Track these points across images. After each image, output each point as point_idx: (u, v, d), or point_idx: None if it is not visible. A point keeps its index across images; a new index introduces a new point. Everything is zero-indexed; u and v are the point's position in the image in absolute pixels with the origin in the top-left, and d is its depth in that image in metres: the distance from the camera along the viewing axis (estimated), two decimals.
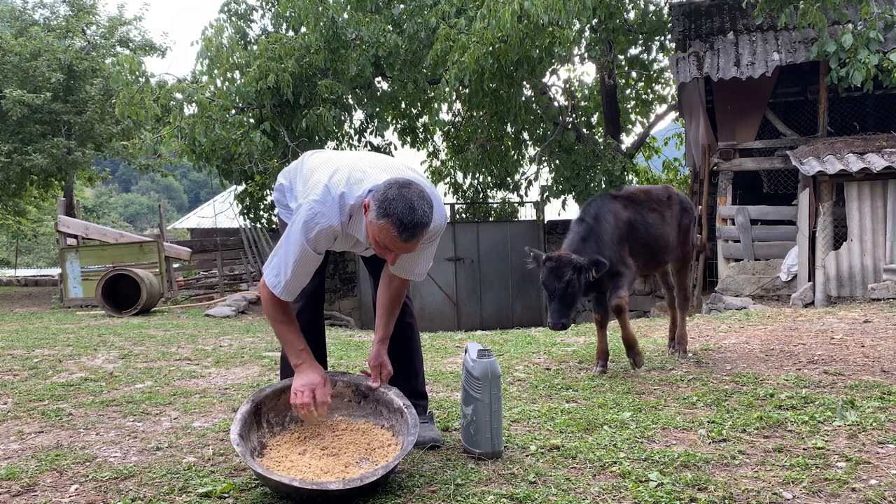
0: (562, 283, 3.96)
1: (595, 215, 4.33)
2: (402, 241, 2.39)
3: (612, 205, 4.43)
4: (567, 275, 3.95)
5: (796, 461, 2.62)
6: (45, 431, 3.36)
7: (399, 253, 2.50)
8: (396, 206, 2.35)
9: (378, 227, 2.39)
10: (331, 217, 2.51)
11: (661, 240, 4.67)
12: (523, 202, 15.89)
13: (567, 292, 3.98)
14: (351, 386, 2.92)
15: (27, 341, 6.64)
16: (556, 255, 4.03)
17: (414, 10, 11.87)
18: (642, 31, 14.58)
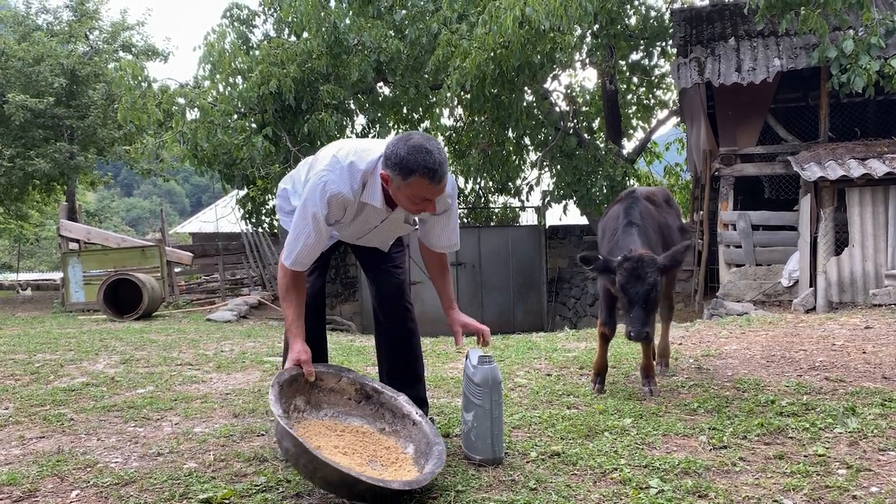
0: (646, 286, 3.52)
1: (641, 218, 4.00)
2: (436, 184, 2.52)
3: (647, 206, 4.16)
4: (651, 276, 3.52)
5: (797, 468, 2.62)
6: (46, 437, 3.37)
7: (435, 199, 2.61)
8: (415, 158, 2.47)
9: (409, 186, 2.51)
10: (341, 184, 2.58)
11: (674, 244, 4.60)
12: (524, 207, 15.90)
13: (650, 296, 3.54)
14: (356, 384, 2.91)
15: (29, 346, 6.65)
16: (637, 255, 3.59)
17: (416, 16, 11.89)
18: (644, 37, 14.60)
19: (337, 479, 2.28)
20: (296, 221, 2.66)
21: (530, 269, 15.49)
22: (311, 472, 2.33)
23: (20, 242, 27.89)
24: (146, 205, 57.54)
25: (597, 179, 12.79)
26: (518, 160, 15.00)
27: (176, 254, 13.16)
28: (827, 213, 9.17)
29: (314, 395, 2.81)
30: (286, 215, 3.04)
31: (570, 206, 13.84)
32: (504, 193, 15.74)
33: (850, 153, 9.73)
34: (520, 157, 15.00)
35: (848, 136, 10.87)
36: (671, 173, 18.95)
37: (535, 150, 14.65)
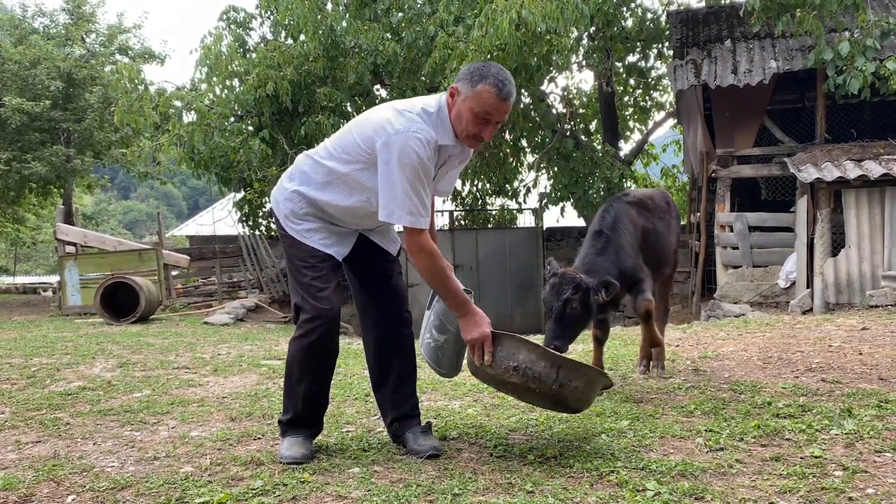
0: (559, 303, 3.62)
1: (613, 224, 4.04)
2: (503, 99, 2.67)
3: (629, 211, 4.19)
4: (566, 293, 3.62)
5: (793, 470, 2.62)
6: (42, 441, 3.36)
7: (496, 122, 2.73)
8: (489, 70, 2.69)
9: (475, 95, 2.67)
10: (428, 129, 2.71)
11: (666, 250, 4.55)
12: (522, 209, 15.90)
13: (565, 313, 3.62)
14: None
15: (25, 349, 6.64)
16: (561, 272, 3.72)
17: (412, 19, 11.90)
18: (640, 39, 14.63)
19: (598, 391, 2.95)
20: (401, 186, 2.67)
21: (528, 272, 15.49)
22: (588, 399, 2.94)
23: (17, 246, 27.86)
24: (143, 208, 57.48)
25: (594, 181, 12.80)
26: (515, 162, 15.01)
27: (173, 257, 13.15)
28: (823, 214, 9.19)
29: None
30: (297, 220, 2.95)
31: (568, 207, 13.85)
32: (501, 195, 15.74)
33: (847, 155, 9.75)
34: (517, 159, 15.00)
35: (844, 138, 10.89)
36: (668, 175, 18.97)
37: (532, 153, 14.66)
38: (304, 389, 2.95)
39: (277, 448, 3.02)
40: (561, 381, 2.75)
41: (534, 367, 2.75)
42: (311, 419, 3.02)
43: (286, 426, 3.01)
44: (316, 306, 2.87)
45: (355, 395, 4.23)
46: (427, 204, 2.75)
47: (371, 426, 3.48)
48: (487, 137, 2.79)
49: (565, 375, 2.76)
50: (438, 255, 2.80)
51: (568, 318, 3.62)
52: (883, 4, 10.73)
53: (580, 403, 2.92)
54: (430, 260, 2.78)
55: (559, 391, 2.77)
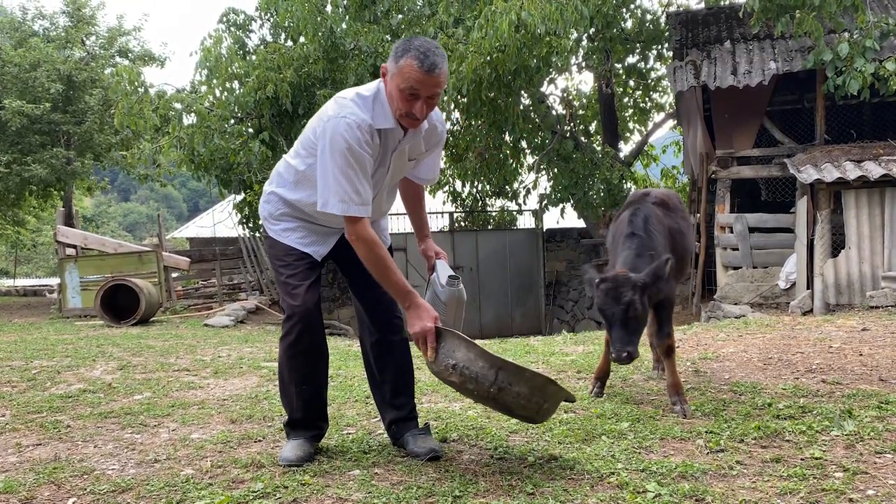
0: (621, 307, 3.40)
1: (645, 226, 3.79)
2: (426, 71, 2.59)
3: (656, 212, 3.94)
4: (627, 296, 3.40)
5: (794, 471, 2.62)
6: (43, 444, 3.36)
7: (427, 96, 2.63)
8: (412, 43, 2.64)
9: (399, 71, 2.61)
10: (359, 113, 2.67)
11: (688, 254, 4.28)
12: (522, 210, 15.91)
13: (628, 317, 3.40)
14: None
15: (26, 352, 6.64)
16: (612, 276, 3.49)
17: (412, 20, 11.91)
18: (640, 40, 14.63)
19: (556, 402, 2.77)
20: (327, 167, 2.65)
21: (528, 273, 15.50)
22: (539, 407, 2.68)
23: (17, 248, 27.86)
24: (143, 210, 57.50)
25: (594, 183, 12.81)
26: (515, 164, 15.01)
27: (173, 259, 13.15)
28: (823, 215, 9.19)
29: None
30: (275, 220, 2.99)
31: (568, 209, 13.86)
32: (501, 197, 15.75)
33: (846, 155, 9.75)
34: (517, 160, 15.01)
35: (844, 139, 10.89)
36: (668, 176, 18.97)
37: (532, 154, 14.67)
38: (295, 390, 2.97)
39: (278, 450, 3.02)
40: (500, 385, 2.58)
41: (471, 367, 2.61)
42: (309, 421, 3.02)
43: (288, 429, 3.02)
44: (290, 304, 2.88)
45: (356, 397, 4.23)
46: (364, 191, 2.67)
47: (371, 428, 3.48)
48: (420, 115, 2.67)
49: (505, 379, 2.59)
50: (378, 245, 2.71)
51: (632, 322, 3.43)
52: (882, 5, 10.75)
53: (528, 412, 2.71)
54: (368, 250, 2.71)
55: (498, 395, 2.61)
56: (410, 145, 2.89)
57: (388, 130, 2.75)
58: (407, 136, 2.83)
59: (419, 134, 2.86)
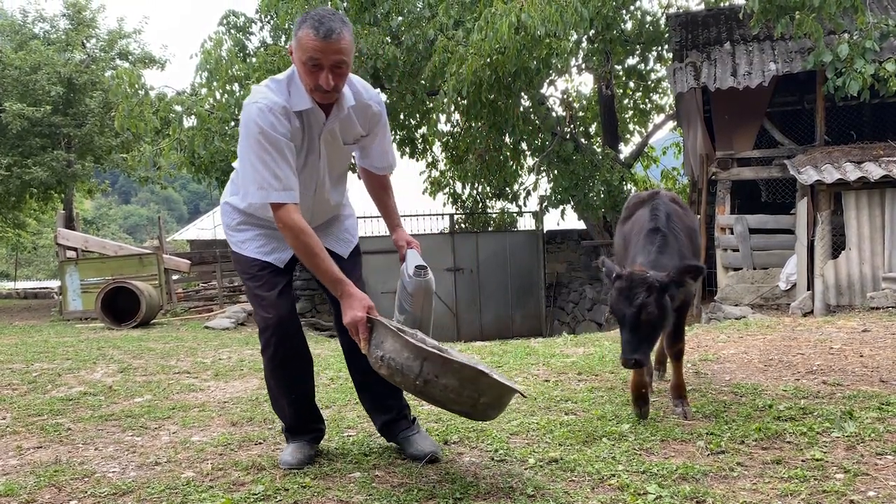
0: (632, 309, 3.13)
1: (668, 223, 3.55)
2: (323, 37, 2.48)
3: (676, 209, 3.72)
4: (640, 297, 3.12)
5: (795, 473, 2.62)
6: (43, 447, 3.36)
7: (330, 65, 2.52)
8: (308, 14, 2.55)
9: (298, 44, 2.53)
10: (271, 96, 2.59)
11: (699, 253, 4.09)
12: (522, 212, 15.91)
13: (640, 320, 3.13)
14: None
15: (26, 355, 6.64)
16: (627, 273, 3.21)
17: (412, 23, 11.92)
18: (640, 42, 14.64)
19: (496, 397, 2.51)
20: (248, 160, 2.58)
21: (528, 274, 15.50)
22: (474, 402, 2.46)
23: (18, 251, 27.88)
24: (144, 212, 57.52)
25: (594, 184, 12.80)
26: (515, 165, 15.01)
27: (174, 261, 13.16)
28: (824, 216, 9.19)
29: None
30: (233, 232, 2.94)
31: (568, 210, 13.85)
32: (501, 199, 15.74)
33: (847, 156, 9.75)
34: (517, 162, 15.01)
35: (844, 140, 10.89)
36: (668, 177, 18.97)
37: (532, 156, 14.66)
38: (285, 401, 2.93)
39: (279, 453, 3.02)
40: (425, 377, 2.41)
41: (397, 359, 2.46)
42: (305, 425, 3.00)
43: (287, 433, 3.02)
44: (263, 316, 2.82)
45: (356, 400, 4.22)
46: (284, 175, 2.56)
47: (372, 430, 3.48)
48: (326, 85, 2.54)
49: (431, 370, 2.41)
50: (305, 232, 2.59)
51: (645, 326, 3.14)
52: (882, 6, 10.75)
53: (462, 407, 2.51)
54: (294, 237, 2.60)
55: (425, 388, 2.44)
56: (341, 127, 2.78)
57: (310, 112, 2.66)
58: (332, 117, 2.71)
59: (342, 112, 2.72)
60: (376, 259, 14.02)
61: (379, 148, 2.98)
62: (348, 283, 2.62)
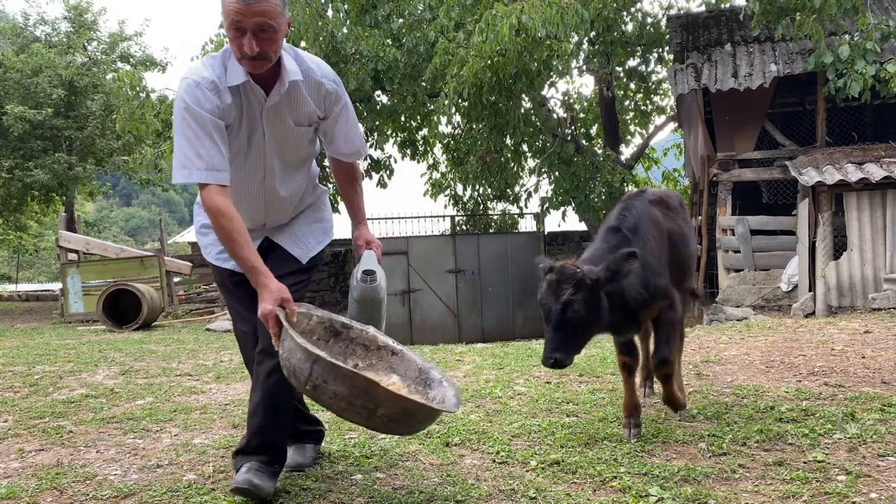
0: (558, 305, 2.87)
1: (634, 225, 3.19)
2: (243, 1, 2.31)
3: (652, 212, 3.33)
4: (566, 293, 2.86)
5: (797, 475, 2.62)
6: (45, 449, 3.36)
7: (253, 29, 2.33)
8: None
9: (222, 10, 2.38)
10: (202, 71, 2.44)
11: (691, 261, 3.69)
12: (523, 214, 15.91)
13: (566, 318, 2.87)
14: (324, 322, 2.68)
15: (28, 357, 6.65)
16: (559, 266, 2.97)
17: (413, 25, 11.93)
18: (640, 44, 14.64)
19: (400, 411, 2.27)
20: (177, 139, 2.44)
21: (530, 276, 15.48)
22: (370, 413, 2.23)
23: (19, 253, 27.91)
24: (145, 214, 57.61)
25: (595, 186, 12.81)
26: (516, 167, 15.02)
27: (175, 264, 13.17)
28: (825, 217, 9.19)
29: None
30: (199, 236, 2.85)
31: (569, 212, 13.86)
32: (503, 200, 15.75)
33: (848, 158, 9.75)
34: (518, 164, 15.02)
35: (845, 141, 10.90)
36: (669, 179, 18.96)
37: (533, 157, 14.67)
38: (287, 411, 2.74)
39: None
40: (315, 381, 2.22)
41: (290, 359, 2.29)
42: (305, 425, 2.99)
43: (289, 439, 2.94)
44: (242, 330, 2.73)
45: None
46: (208, 154, 2.39)
47: (373, 433, 3.48)
48: (250, 50, 2.34)
49: (320, 374, 2.21)
50: (223, 214, 2.40)
51: (571, 324, 2.88)
52: (883, 7, 10.76)
53: (356, 417, 2.29)
54: (213, 218, 2.44)
55: (315, 393, 2.26)
56: (289, 105, 2.57)
57: (247, 87, 2.48)
58: (273, 93, 2.52)
59: (284, 86, 2.51)
60: None
61: (342, 132, 2.74)
62: (266, 273, 2.42)
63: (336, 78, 2.69)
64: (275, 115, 2.57)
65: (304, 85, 2.57)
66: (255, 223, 2.74)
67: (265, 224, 2.79)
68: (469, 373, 5.12)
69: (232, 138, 2.53)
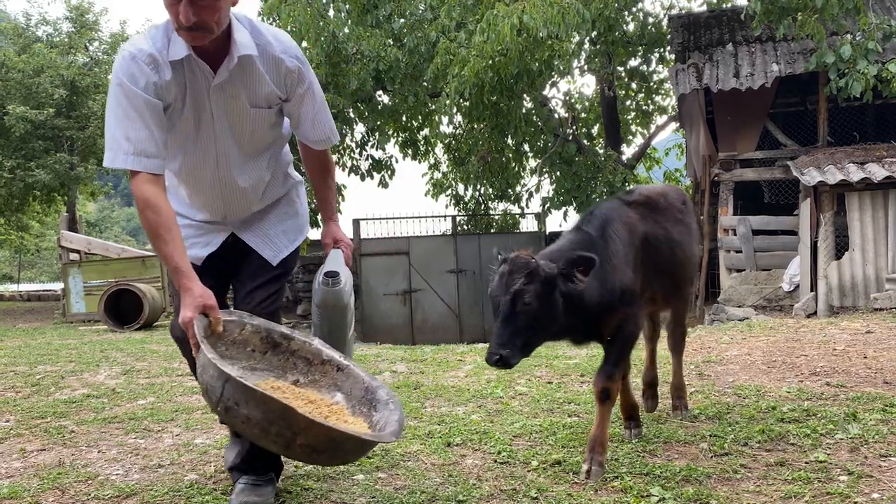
0: (508, 295, 2.62)
1: (601, 227, 2.93)
2: None
3: (626, 213, 3.07)
4: (516, 283, 2.61)
5: (798, 475, 2.62)
6: (47, 449, 3.37)
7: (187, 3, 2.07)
8: None
9: None
10: (140, 42, 2.19)
11: (688, 263, 3.38)
12: (524, 214, 15.91)
13: (515, 311, 2.61)
14: (261, 332, 2.39)
15: (30, 357, 6.65)
16: (513, 257, 2.72)
17: (414, 25, 11.95)
18: (642, 43, 14.64)
19: (323, 440, 1.96)
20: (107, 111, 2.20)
21: None
22: (288, 441, 1.94)
23: (21, 253, 27.94)
24: None
25: (596, 185, 12.81)
26: (517, 167, 15.04)
27: None
28: (827, 217, 9.18)
29: (217, 349, 2.24)
30: None
31: (571, 212, 13.86)
32: (504, 200, 15.77)
33: (850, 157, 9.74)
34: (519, 163, 15.03)
35: (847, 141, 10.89)
36: (671, 179, 18.96)
37: (534, 157, 14.68)
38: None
39: None
40: (226, 403, 1.97)
41: (204, 375, 2.04)
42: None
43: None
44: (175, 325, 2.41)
45: None
46: (137, 137, 2.15)
47: None
48: (185, 20, 2.08)
49: (231, 396, 1.95)
50: (152, 207, 2.17)
51: (521, 319, 2.61)
52: (884, 7, 10.75)
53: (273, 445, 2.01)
54: (139, 210, 2.21)
55: (226, 416, 2.01)
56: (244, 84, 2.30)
57: (191, 62, 2.22)
58: (221, 69, 2.24)
59: (233, 62, 2.23)
60: (378, 261, 14.05)
61: (308, 116, 2.46)
62: (190, 276, 2.18)
63: (299, 54, 2.38)
64: (224, 95, 2.30)
65: (261, 61, 2.30)
66: (215, 216, 2.52)
67: (226, 217, 2.53)
68: (470, 373, 5.12)
69: (176, 120, 2.29)
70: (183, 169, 2.38)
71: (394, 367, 5.51)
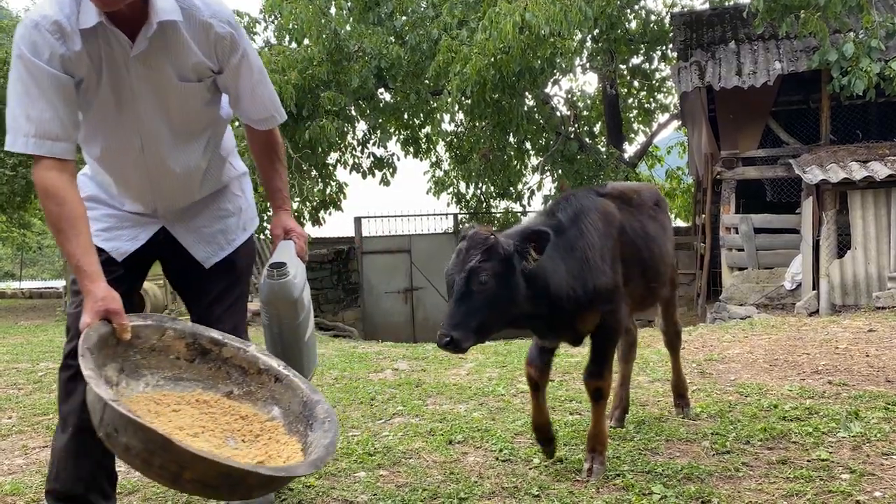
0: (463, 273, 2.41)
1: (575, 216, 2.74)
2: None
3: (601, 203, 2.89)
4: (472, 260, 2.41)
5: (800, 473, 2.62)
6: (49, 446, 3.37)
7: None
8: None
9: None
10: (45, 8, 1.90)
11: (665, 261, 3.23)
12: (526, 212, 15.90)
13: (470, 289, 2.39)
14: (186, 337, 2.13)
15: (32, 354, 6.66)
16: (471, 233, 2.53)
17: (416, 22, 11.94)
18: (644, 41, 14.64)
19: (214, 475, 1.68)
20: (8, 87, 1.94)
21: None
22: (174, 475, 1.69)
23: (23, 251, 27.97)
24: None
25: (598, 183, 12.80)
26: (519, 165, 15.02)
27: None
28: (829, 215, 9.16)
29: (130, 359, 2.02)
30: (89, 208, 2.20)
31: None
32: (506, 198, 15.76)
33: (852, 156, 9.72)
34: (521, 161, 15.02)
35: (849, 139, 10.87)
36: (673, 177, 18.96)
37: (536, 155, 14.67)
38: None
39: None
40: (107, 429, 1.70)
41: (89, 396, 1.75)
42: None
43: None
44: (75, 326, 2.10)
45: (360, 399, 4.23)
46: (38, 118, 1.89)
47: (376, 430, 3.48)
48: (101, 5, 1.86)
49: (111, 422, 1.69)
50: (54, 197, 1.91)
51: (476, 298, 2.40)
52: (888, 5, 10.71)
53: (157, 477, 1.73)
54: (42, 201, 1.96)
55: (108, 442, 1.72)
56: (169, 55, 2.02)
57: (104, 31, 1.92)
58: (140, 38, 1.95)
59: (151, 28, 1.94)
60: (380, 259, 14.05)
61: (246, 90, 2.18)
62: (93, 277, 1.92)
63: (231, 19, 2.10)
64: (146, 67, 2.00)
65: (187, 27, 2.01)
66: (145, 206, 2.24)
67: (156, 209, 2.25)
68: (472, 370, 5.12)
69: (92, 98, 2.00)
70: (105, 154, 2.12)
71: (395, 365, 5.51)
